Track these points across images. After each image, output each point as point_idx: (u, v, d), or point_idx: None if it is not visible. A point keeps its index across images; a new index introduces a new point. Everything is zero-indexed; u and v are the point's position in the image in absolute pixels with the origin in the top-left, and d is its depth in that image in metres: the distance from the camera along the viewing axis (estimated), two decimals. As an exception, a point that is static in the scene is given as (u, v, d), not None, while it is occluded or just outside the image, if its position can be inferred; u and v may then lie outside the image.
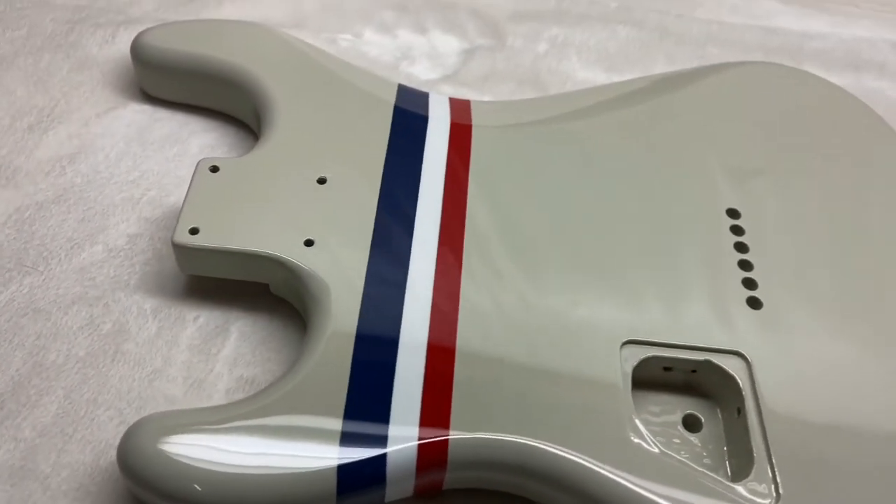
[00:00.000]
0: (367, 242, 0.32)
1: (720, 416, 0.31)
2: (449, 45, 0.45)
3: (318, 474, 0.26)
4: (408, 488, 0.28)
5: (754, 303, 0.32)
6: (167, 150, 0.38)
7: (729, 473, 0.28)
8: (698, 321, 0.31)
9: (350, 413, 0.27)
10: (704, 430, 0.30)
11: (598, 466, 0.27)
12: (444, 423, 0.27)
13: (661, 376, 0.31)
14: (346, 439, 0.26)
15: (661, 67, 0.45)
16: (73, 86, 0.40)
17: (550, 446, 0.27)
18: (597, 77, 0.44)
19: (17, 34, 0.41)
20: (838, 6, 0.51)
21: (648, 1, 0.49)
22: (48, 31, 0.41)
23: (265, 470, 0.26)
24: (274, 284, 0.33)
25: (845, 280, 0.33)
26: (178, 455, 0.26)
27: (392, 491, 0.27)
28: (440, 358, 0.29)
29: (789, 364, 0.30)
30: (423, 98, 0.39)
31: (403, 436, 0.27)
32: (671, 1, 0.49)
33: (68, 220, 0.35)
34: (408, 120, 0.37)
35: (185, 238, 0.31)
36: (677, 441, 0.30)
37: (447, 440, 0.27)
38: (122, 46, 0.40)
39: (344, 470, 0.26)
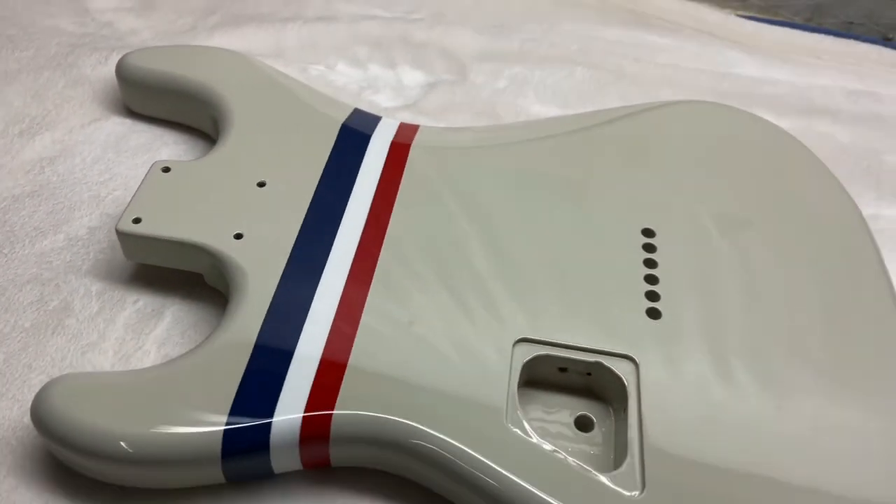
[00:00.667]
0: (290, 243, 0.34)
1: (612, 416, 0.32)
2: (414, 78, 0.49)
3: (206, 435, 0.28)
4: (294, 461, 0.29)
5: (653, 313, 0.33)
6: (139, 158, 0.42)
7: (613, 469, 0.29)
8: (596, 326, 0.33)
9: (243, 391, 0.29)
10: (596, 429, 0.32)
11: (472, 450, 0.28)
12: (330, 404, 0.29)
13: (557, 377, 0.33)
14: (236, 411, 0.29)
15: (614, 105, 0.48)
16: (65, 99, 0.44)
17: (429, 429, 0.29)
18: (550, 111, 0.47)
19: (25, 54, 0.46)
20: (801, 57, 0.53)
21: (609, 45, 0.52)
22: (51, 53, 0.47)
23: (159, 429, 0.28)
24: (206, 274, 0.36)
25: (745, 303, 0.34)
26: (81, 410, 0.28)
27: (278, 461, 0.29)
28: (333, 365, 0.30)
29: (675, 371, 0.31)
30: (373, 120, 0.42)
31: (290, 409, 0.29)
32: (633, 46, 0.52)
33: (38, 212, 0.39)
34: (352, 138, 0.40)
35: (127, 226, 0.34)
36: (568, 437, 0.31)
37: (331, 415, 0.29)
38: (112, 68, 0.44)
39: (229, 433, 0.28)
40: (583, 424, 0.32)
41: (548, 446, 0.29)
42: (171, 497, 0.29)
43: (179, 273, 0.36)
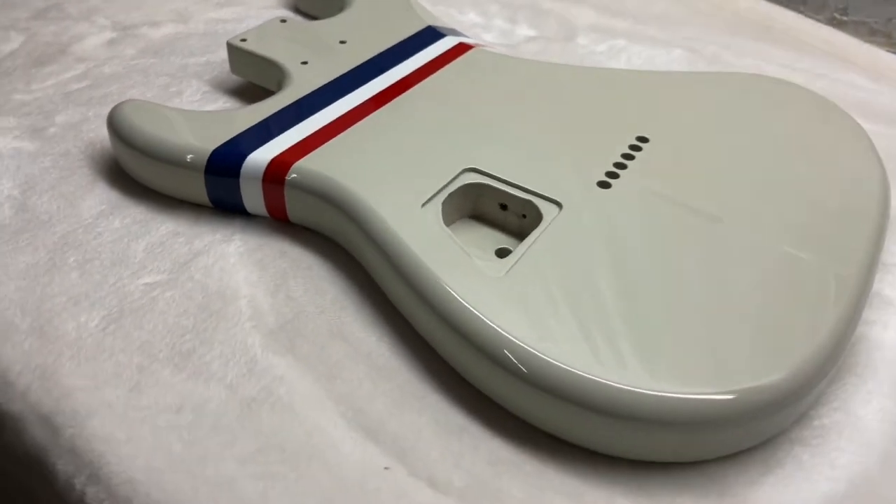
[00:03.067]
0: (330, 79, 0.43)
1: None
2: (524, 32, 0.55)
3: (201, 151, 0.36)
4: (258, 199, 0.36)
5: (604, 184, 0.35)
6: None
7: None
8: (545, 176, 0.36)
9: (239, 137, 0.37)
10: (509, 258, 0.34)
11: (384, 217, 0.33)
12: (291, 163, 0.36)
13: (498, 214, 0.36)
14: (227, 146, 0.37)
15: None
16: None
17: (357, 191, 0.34)
18: (632, 74, 0.51)
19: None
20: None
21: (721, 44, 0.54)
22: None
23: (175, 142, 0.37)
24: (273, 85, 0.45)
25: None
26: (145, 122, 0.38)
27: (247, 193, 0.36)
28: (303, 146, 0.37)
29: (591, 224, 0.33)
30: (456, 33, 0.49)
31: (263, 157, 0.36)
32: (745, 49, 0.54)
33: (195, 44, 0.51)
34: (428, 34, 0.48)
35: (235, 42, 0.45)
36: (479, 256, 0.34)
37: (290, 165, 0.36)
38: None
39: (214, 154, 0.36)
40: (500, 253, 0.35)
41: (446, 232, 0.33)
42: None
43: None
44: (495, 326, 0.28)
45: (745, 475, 0.28)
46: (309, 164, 0.36)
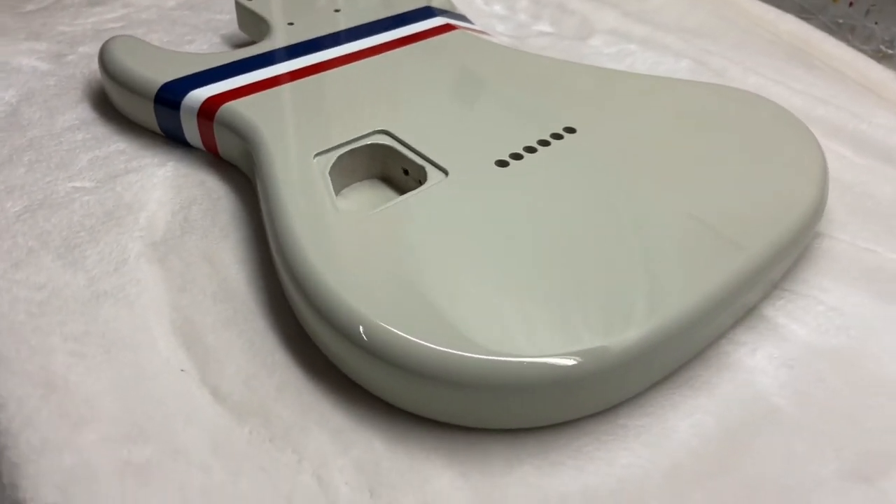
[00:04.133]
0: (309, 37, 0.46)
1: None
2: (541, 28, 0.56)
3: (152, 82, 0.40)
4: (195, 132, 0.40)
5: (503, 163, 0.36)
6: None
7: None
8: (447, 148, 0.37)
9: (191, 77, 0.41)
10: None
11: (277, 166, 0.35)
12: (224, 101, 0.39)
13: (402, 178, 0.38)
14: (178, 82, 0.41)
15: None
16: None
17: (268, 141, 0.37)
18: (628, 78, 0.49)
19: None
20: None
21: (740, 62, 0.51)
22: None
23: (137, 72, 0.41)
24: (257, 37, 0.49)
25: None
26: (118, 50, 0.43)
27: (186, 125, 0.40)
28: (239, 91, 0.40)
29: (467, 193, 0.34)
30: (455, 15, 0.50)
31: (201, 95, 0.40)
32: (765, 67, 0.51)
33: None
34: (426, 13, 0.49)
35: (242, 0, 0.49)
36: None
37: (219, 106, 0.39)
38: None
39: (162, 87, 0.40)
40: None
41: (324, 182, 0.34)
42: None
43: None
44: (319, 270, 0.30)
45: (516, 453, 0.27)
46: (237, 106, 0.39)
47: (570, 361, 0.26)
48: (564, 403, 0.28)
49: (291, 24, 0.47)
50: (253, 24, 0.49)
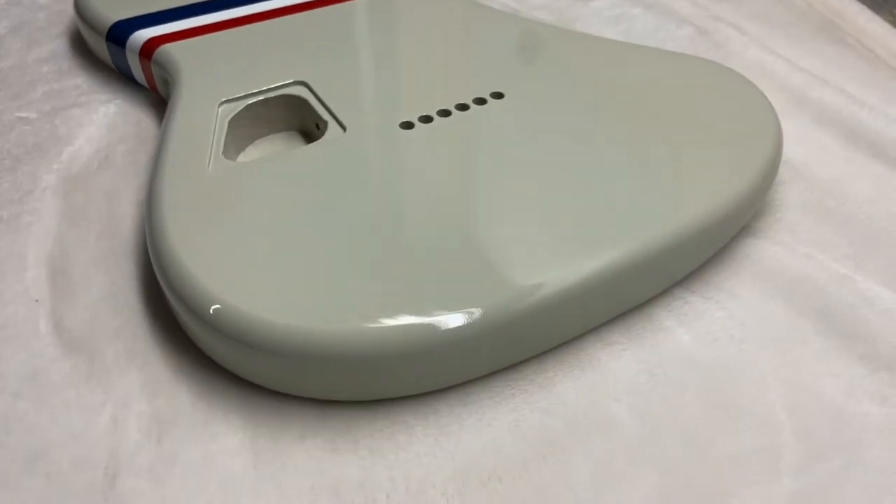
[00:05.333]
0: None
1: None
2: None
3: (105, 20, 0.41)
4: (138, 68, 0.41)
5: (408, 125, 0.34)
6: None
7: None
8: (358, 104, 0.35)
9: (140, 17, 0.42)
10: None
11: (180, 112, 0.35)
12: (162, 43, 0.40)
13: (315, 133, 0.37)
14: (129, 22, 0.41)
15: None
16: None
17: (183, 87, 0.37)
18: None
19: None
20: None
21: (749, 22, 0.46)
22: None
23: (95, 9, 0.42)
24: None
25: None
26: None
27: (132, 63, 0.41)
28: (178, 35, 0.40)
29: (356, 152, 0.33)
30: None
31: (144, 35, 0.40)
32: (769, 27, 0.45)
33: None
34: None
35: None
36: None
37: (156, 48, 0.39)
38: None
39: (115, 24, 0.41)
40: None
41: (217, 130, 0.34)
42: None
43: None
44: (166, 226, 0.29)
45: (312, 427, 0.27)
46: (170, 49, 0.39)
47: (388, 337, 0.25)
48: (383, 380, 0.27)
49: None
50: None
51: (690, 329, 0.30)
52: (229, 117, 0.35)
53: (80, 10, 0.43)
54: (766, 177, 0.33)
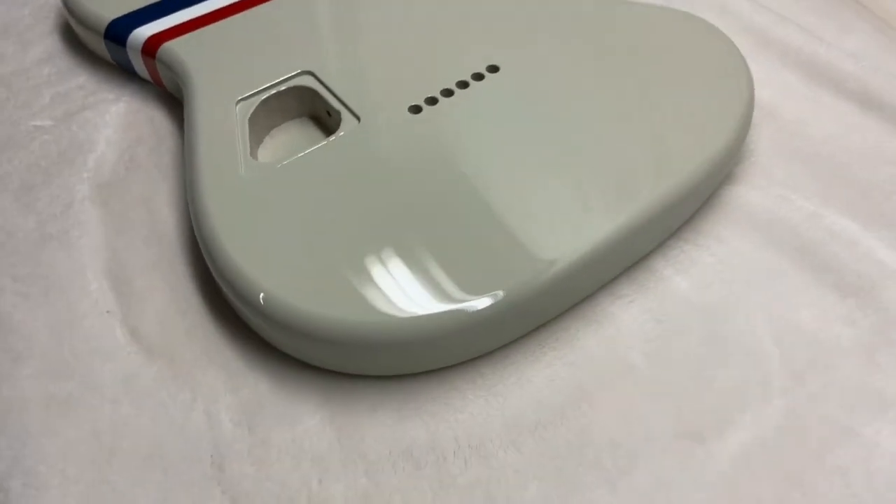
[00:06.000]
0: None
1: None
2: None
3: (101, 19, 0.42)
4: (141, 65, 0.42)
5: (416, 109, 0.37)
6: None
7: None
8: (368, 90, 0.38)
9: (137, 12, 0.43)
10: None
11: (199, 113, 0.37)
12: (163, 41, 0.41)
13: (328, 120, 0.39)
14: (125, 16, 0.42)
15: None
16: None
17: (196, 86, 0.39)
18: None
19: None
20: None
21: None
22: None
23: (89, 9, 0.43)
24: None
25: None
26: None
27: (133, 58, 0.42)
28: (178, 29, 0.42)
29: (376, 143, 0.36)
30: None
31: (144, 33, 0.41)
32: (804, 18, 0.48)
33: None
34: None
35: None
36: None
37: (160, 45, 0.41)
38: None
39: (112, 22, 0.42)
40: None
41: (241, 130, 0.36)
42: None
43: None
44: (219, 233, 0.32)
45: (381, 399, 0.31)
46: (174, 47, 0.41)
47: (434, 320, 0.29)
48: (432, 355, 0.31)
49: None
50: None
51: (687, 276, 0.34)
52: (247, 116, 0.37)
53: (70, 8, 0.44)
54: (745, 124, 0.37)
